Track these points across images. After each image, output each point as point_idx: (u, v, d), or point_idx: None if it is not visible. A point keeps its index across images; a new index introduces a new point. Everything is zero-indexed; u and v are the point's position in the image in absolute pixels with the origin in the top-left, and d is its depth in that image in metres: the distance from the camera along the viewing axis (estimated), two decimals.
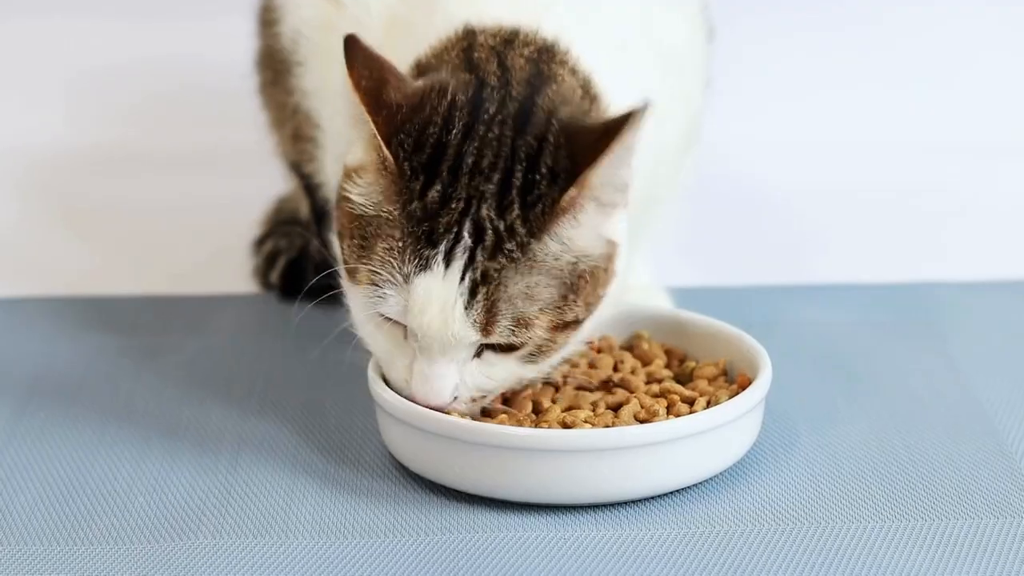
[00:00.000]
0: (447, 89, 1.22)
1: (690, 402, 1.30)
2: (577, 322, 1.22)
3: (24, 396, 1.43)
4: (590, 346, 1.37)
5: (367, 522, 1.24)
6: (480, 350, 1.23)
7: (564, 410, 1.29)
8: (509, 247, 1.19)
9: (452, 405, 1.24)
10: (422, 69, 1.26)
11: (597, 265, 1.22)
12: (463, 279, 1.19)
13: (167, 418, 1.39)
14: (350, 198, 1.22)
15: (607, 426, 1.27)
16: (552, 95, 1.23)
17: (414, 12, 1.30)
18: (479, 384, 1.24)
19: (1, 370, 1.48)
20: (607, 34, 1.29)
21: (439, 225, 1.19)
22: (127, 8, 2.16)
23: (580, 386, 1.33)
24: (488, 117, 1.21)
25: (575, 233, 1.20)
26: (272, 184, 1.71)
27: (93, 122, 2.05)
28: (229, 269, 1.68)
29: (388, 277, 1.20)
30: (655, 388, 1.32)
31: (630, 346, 1.39)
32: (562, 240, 1.20)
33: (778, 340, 1.44)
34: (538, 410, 1.30)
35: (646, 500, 1.25)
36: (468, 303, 1.19)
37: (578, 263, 1.21)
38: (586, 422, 1.27)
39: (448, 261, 1.19)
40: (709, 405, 1.29)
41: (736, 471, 1.29)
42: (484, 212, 1.19)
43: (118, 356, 1.50)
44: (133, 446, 1.35)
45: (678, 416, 1.28)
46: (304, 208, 1.62)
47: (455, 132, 1.20)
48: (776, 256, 1.72)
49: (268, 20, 1.51)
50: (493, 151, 1.20)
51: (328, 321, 1.38)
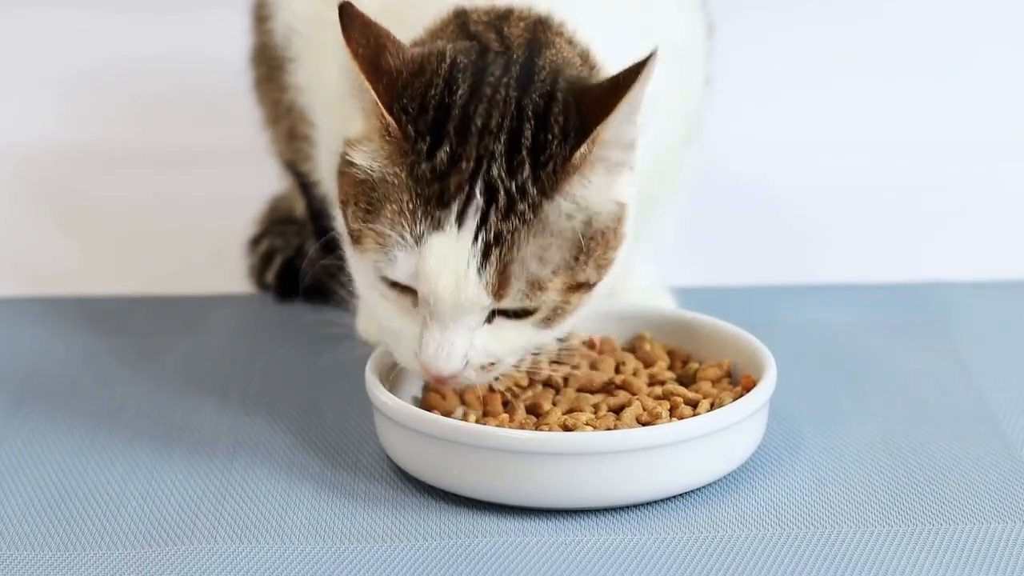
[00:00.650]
0: (446, 53, 1.22)
1: (693, 404, 1.30)
2: (588, 284, 1.22)
3: (15, 398, 1.43)
4: (591, 347, 1.37)
5: (364, 526, 1.24)
6: (491, 316, 1.22)
7: (565, 412, 1.29)
8: (521, 208, 1.19)
9: (463, 374, 1.23)
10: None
11: (607, 226, 1.22)
12: (476, 240, 1.18)
13: (161, 420, 1.39)
14: (354, 163, 1.22)
15: (609, 429, 1.27)
16: (552, 56, 1.23)
17: (406, 1, 1.30)
18: (490, 350, 1.23)
19: None
20: (604, 23, 1.28)
21: (450, 185, 1.19)
22: (121, 3, 2.15)
23: (581, 388, 1.33)
24: (494, 79, 1.22)
25: (586, 192, 1.20)
26: (268, 182, 1.71)
27: (86, 119, 2.05)
28: (224, 269, 1.68)
29: (397, 239, 1.19)
30: (658, 390, 1.32)
31: (632, 347, 1.39)
32: (574, 199, 1.20)
33: (783, 341, 1.44)
34: (539, 412, 1.30)
35: (648, 504, 1.25)
36: (481, 265, 1.18)
37: (589, 223, 1.21)
38: (587, 425, 1.27)
39: (460, 222, 1.18)
40: (713, 407, 1.29)
41: (740, 475, 1.29)
42: (495, 172, 1.19)
43: (111, 357, 1.50)
44: (126, 449, 1.35)
45: (681, 419, 1.27)
46: (300, 207, 1.62)
47: (460, 93, 1.21)
48: (780, 255, 1.72)
49: (261, 16, 1.52)
50: (500, 111, 1.20)
51: (325, 322, 1.38)
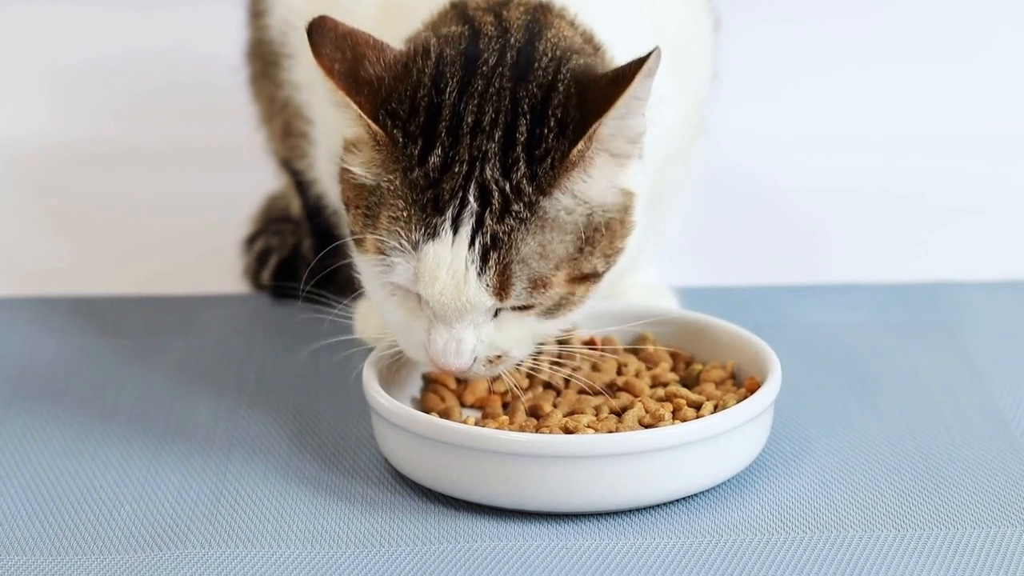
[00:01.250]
0: (430, 49, 1.22)
1: (697, 406, 1.30)
2: (596, 275, 1.23)
3: (6, 399, 1.43)
4: (593, 348, 1.37)
5: (362, 531, 1.24)
6: (497, 310, 1.23)
7: (566, 415, 1.29)
8: (517, 208, 1.19)
9: (472, 368, 1.24)
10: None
11: (613, 217, 1.22)
12: (473, 245, 1.19)
13: (155, 422, 1.39)
14: (351, 169, 1.23)
15: (610, 431, 1.26)
16: (553, 39, 1.23)
17: None
18: (497, 344, 1.24)
19: None
20: (608, 15, 1.28)
21: (443, 191, 1.19)
22: None
23: (582, 390, 1.33)
24: (487, 69, 1.21)
25: (587, 186, 1.20)
26: (263, 180, 1.71)
27: (78, 116, 2.05)
28: (219, 268, 1.68)
29: (395, 245, 1.20)
30: (660, 392, 1.32)
31: (634, 348, 1.39)
32: (573, 194, 1.20)
33: (788, 342, 1.44)
34: (539, 414, 1.29)
35: (651, 508, 1.25)
36: (481, 268, 1.19)
37: (592, 215, 1.21)
38: (589, 427, 1.27)
39: (456, 227, 1.19)
40: (716, 409, 1.28)
41: (744, 478, 1.29)
42: (488, 173, 1.19)
43: (104, 358, 1.50)
44: (118, 451, 1.34)
45: (684, 421, 1.27)
46: (296, 205, 1.62)
47: (449, 90, 1.21)
48: (786, 255, 1.72)
49: (257, 11, 1.51)
50: (494, 106, 1.20)
51: (321, 322, 1.37)
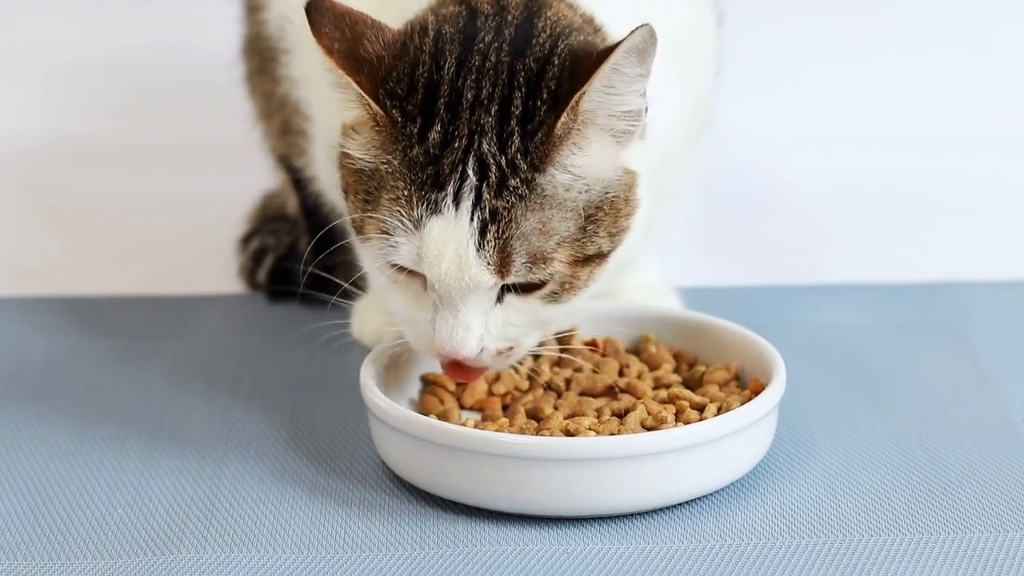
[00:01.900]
0: (428, 26, 1.23)
1: (700, 408, 1.30)
2: (601, 255, 1.23)
3: None
4: (594, 349, 1.37)
5: (359, 535, 1.23)
6: (501, 294, 1.23)
7: (567, 417, 1.29)
8: (514, 183, 1.19)
9: (479, 358, 1.24)
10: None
11: (616, 195, 1.22)
12: (472, 220, 1.19)
13: (148, 425, 1.39)
14: (349, 154, 1.23)
15: (612, 434, 1.26)
16: (552, 17, 1.23)
17: None
18: (503, 332, 1.24)
19: None
20: (609, 7, 1.28)
21: (444, 166, 1.19)
22: None
23: (584, 392, 1.33)
24: (484, 46, 1.22)
25: (582, 163, 1.20)
26: (259, 178, 1.71)
27: (71, 114, 2.05)
28: (213, 268, 1.68)
29: (398, 224, 1.20)
30: (663, 394, 1.32)
31: (637, 349, 1.39)
32: (568, 170, 1.20)
33: (792, 343, 1.44)
34: (539, 417, 1.29)
35: (654, 512, 1.25)
36: (480, 244, 1.19)
37: (591, 192, 1.21)
38: (590, 430, 1.27)
39: (457, 202, 1.19)
40: (720, 412, 1.28)
41: (749, 481, 1.29)
42: (486, 147, 1.19)
43: (96, 359, 1.50)
44: (112, 454, 1.34)
45: (687, 423, 1.27)
46: (293, 204, 1.62)
47: (447, 66, 1.21)
48: (790, 254, 1.72)
49: (253, 5, 1.51)
50: (491, 80, 1.21)
51: (318, 323, 1.37)
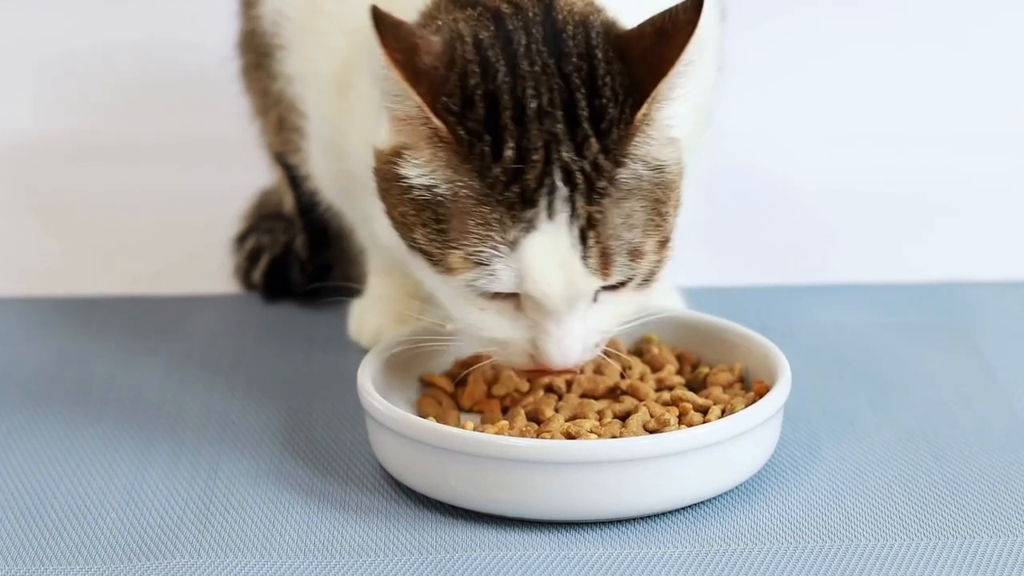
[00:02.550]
0: (464, 34, 1.21)
1: (703, 411, 1.30)
2: (671, 231, 1.24)
3: None
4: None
5: (356, 540, 1.23)
6: (596, 293, 1.23)
7: (568, 419, 1.29)
8: (602, 185, 1.19)
9: (580, 359, 1.24)
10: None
11: (672, 167, 1.23)
12: (572, 229, 1.19)
13: (141, 427, 1.39)
14: (410, 183, 1.21)
15: (614, 437, 1.26)
16: (564, 6, 1.23)
17: None
18: (602, 327, 1.25)
19: None
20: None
21: (529, 181, 1.19)
22: None
23: (585, 394, 1.32)
24: (524, 49, 1.21)
25: (651, 147, 1.21)
26: (255, 176, 1.71)
27: (62, 109, 2.05)
28: (208, 267, 1.68)
29: (492, 252, 1.19)
30: (665, 396, 1.32)
31: (639, 350, 1.39)
32: (643, 158, 1.21)
33: (797, 344, 1.44)
34: (540, 419, 1.29)
35: (656, 517, 1.25)
36: (584, 252, 1.19)
37: (658, 173, 1.22)
38: (591, 432, 1.27)
39: (551, 215, 1.19)
40: (724, 414, 1.28)
41: (753, 485, 1.29)
42: (565, 154, 1.19)
43: (88, 360, 1.50)
44: (104, 457, 1.34)
45: (690, 426, 1.27)
46: (289, 202, 1.62)
47: (501, 75, 1.20)
48: (795, 254, 1.72)
49: (249, 0, 1.51)
50: (547, 85, 1.20)
51: (315, 324, 1.37)
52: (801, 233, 1.78)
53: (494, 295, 1.22)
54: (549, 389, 1.33)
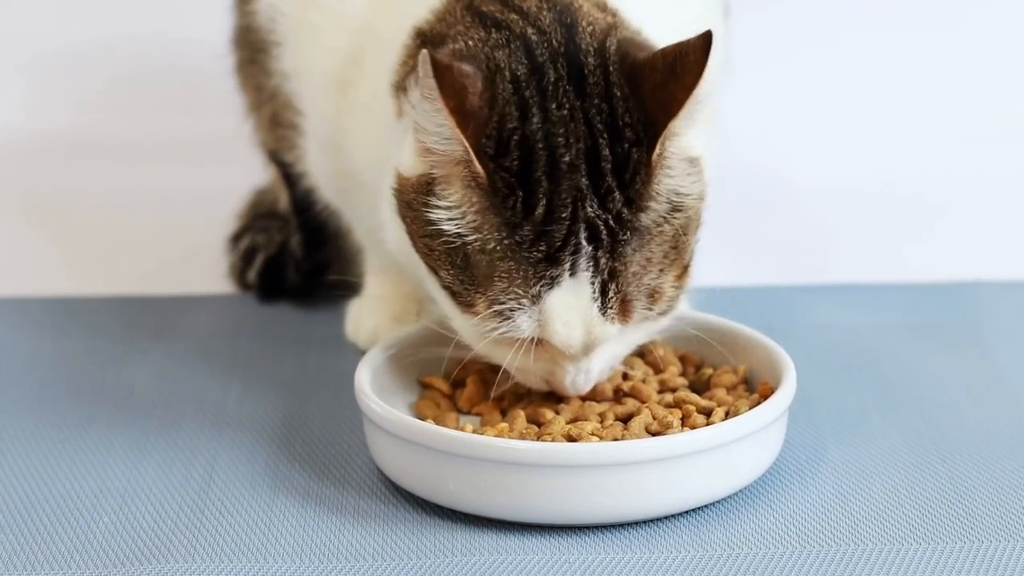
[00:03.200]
0: (501, 67, 1.21)
1: (707, 413, 1.29)
2: (692, 255, 1.26)
3: None
4: None
5: (354, 544, 1.23)
6: None
7: (569, 422, 1.29)
8: (624, 236, 1.21)
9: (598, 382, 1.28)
10: (427, 39, 1.25)
11: (692, 193, 1.23)
12: (593, 285, 1.21)
13: (134, 430, 1.38)
14: (439, 224, 1.21)
15: (616, 439, 1.26)
16: (588, 30, 1.23)
17: None
18: (618, 353, 1.28)
19: None
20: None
21: (555, 239, 1.20)
22: None
23: (586, 396, 1.32)
24: (552, 88, 1.21)
25: (672, 179, 1.22)
26: (250, 174, 1.71)
27: (54, 107, 2.05)
28: (202, 267, 1.68)
29: (514, 304, 1.21)
30: (669, 398, 1.32)
31: (641, 352, 1.38)
32: (660, 196, 1.22)
33: (802, 344, 1.44)
34: (540, 422, 1.29)
35: (659, 520, 1.25)
36: (603, 305, 1.21)
37: (680, 204, 1.23)
38: (593, 435, 1.26)
39: (574, 272, 1.20)
40: (728, 416, 1.28)
41: (757, 488, 1.29)
42: (590, 211, 1.20)
43: (81, 362, 1.50)
44: (97, 460, 1.34)
45: (694, 428, 1.27)
46: (284, 200, 1.62)
47: (535, 120, 1.20)
48: (800, 254, 1.73)
49: None
50: (574, 134, 1.21)
51: (311, 324, 1.37)
52: (806, 233, 1.78)
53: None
54: (549, 392, 1.33)
